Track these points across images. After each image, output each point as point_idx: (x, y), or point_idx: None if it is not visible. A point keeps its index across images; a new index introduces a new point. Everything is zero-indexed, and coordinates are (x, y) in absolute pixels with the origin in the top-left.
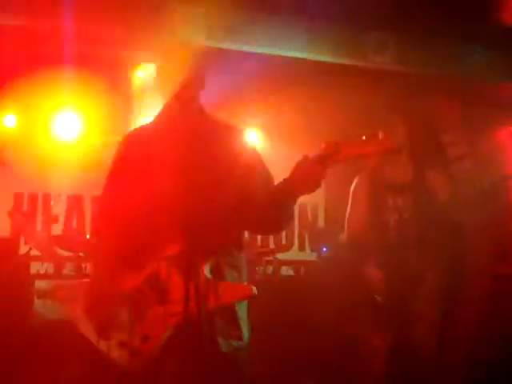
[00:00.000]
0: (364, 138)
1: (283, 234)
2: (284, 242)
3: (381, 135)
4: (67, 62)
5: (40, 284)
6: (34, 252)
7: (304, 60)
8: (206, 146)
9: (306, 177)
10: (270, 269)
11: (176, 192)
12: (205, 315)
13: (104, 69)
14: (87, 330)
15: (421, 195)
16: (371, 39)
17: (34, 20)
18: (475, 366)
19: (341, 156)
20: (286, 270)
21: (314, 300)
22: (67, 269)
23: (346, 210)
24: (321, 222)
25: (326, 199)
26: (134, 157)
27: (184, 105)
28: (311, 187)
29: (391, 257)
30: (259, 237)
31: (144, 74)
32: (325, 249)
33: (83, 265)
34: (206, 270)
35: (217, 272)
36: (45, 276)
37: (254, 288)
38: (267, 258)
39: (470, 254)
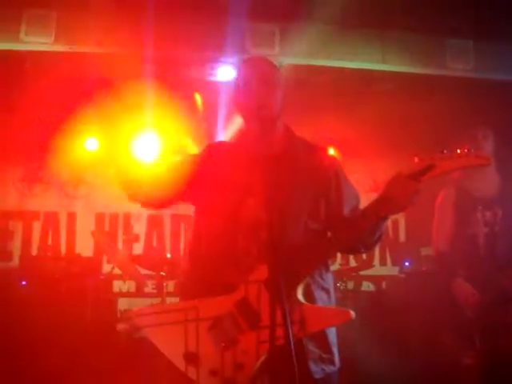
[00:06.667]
0: (458, 151)
1: None
2: (365, 258)
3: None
4: (147, 84)
5: (123, 302)
6: (117, 271)
7: (381, 72)
8: (292, 166)
9: (400, 193)
10: (350, 284)
11: (262, 213)
12: (296, 341)
13: (182, 89)
14: (174, 356)
15: (510, 207)
16: (450, 46)
17: (113, 46)
18: None
19: (436, 170)
20: (367, 286)
21: (396, 315)
22: (149, 287)
23: (426, 224)
24: (402, 237)
25: (407, 213)
26: (217, 171)
27: (265, 123)
28: (405, 204)
29: (482, 271)
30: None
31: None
32: (407, 263)
33: (164, 283)
34: (299, 294)
35: (307, 294)
36: (127, 294)
37: (352, 312)
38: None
39: None
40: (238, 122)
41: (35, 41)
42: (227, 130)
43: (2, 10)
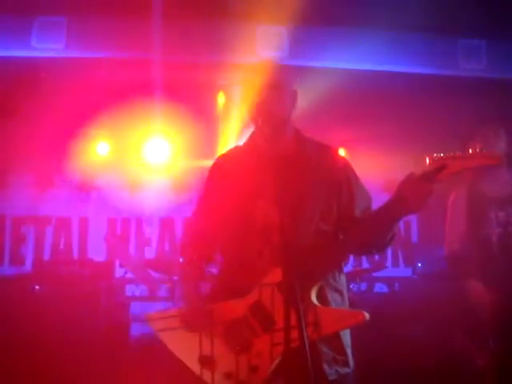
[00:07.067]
0: (470, 150)
1: None
2: (377, 259)
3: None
4: (156, 89)
5: (135, 306)
6: (129, 275)
7: (393, 72)
8: (303, 168)
9: (413, 195)
10: (363, 286)
11: (274, 214)
12: (310, 343)
13: (190, 94)
14: (189, 360)
15: None
16: (462, 46)
17: (123, 51)
18: None
19: (449, 170)
20: (379, 287)
21: (410, 317)
22: (161, 291)
23: (439, 224)
24: (414, 237)
25: (419, 213)
26: (228, 179)
27: (275, 127)
28: (419, 206)
29: (495, 272)
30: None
31: (228, 96)
32: (420, 264)
33: (177, 287)
34: (313, 296)
35: (320, 297)
36: (140, 298)
37: (367, 314)
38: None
39: None
40: (249, 125)
41: (46, 47)
42: (240, 134)
43: (13, 17)
